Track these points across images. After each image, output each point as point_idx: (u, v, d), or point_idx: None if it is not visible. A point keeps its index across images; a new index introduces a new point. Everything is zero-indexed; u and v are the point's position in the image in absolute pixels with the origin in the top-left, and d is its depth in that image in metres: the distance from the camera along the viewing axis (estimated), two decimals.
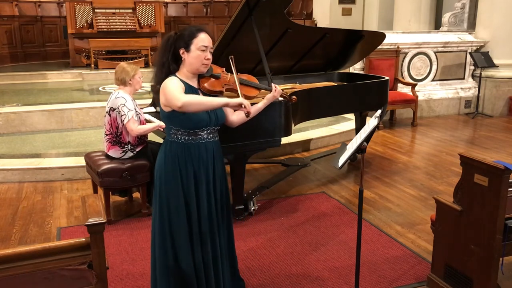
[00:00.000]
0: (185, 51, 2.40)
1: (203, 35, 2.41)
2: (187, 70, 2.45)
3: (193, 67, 2.43)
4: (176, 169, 2.46)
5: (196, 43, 2.39)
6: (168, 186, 2.48)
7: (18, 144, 5.80)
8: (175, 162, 2.46)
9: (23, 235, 3.78)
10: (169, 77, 2.43)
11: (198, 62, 2.41)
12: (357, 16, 11.23)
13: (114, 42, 9.91)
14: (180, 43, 2.41)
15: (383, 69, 7.18)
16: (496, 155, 5.76)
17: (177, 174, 2.46)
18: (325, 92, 4.57)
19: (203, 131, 2.47)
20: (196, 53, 2.39)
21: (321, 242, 3.63)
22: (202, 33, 2.41)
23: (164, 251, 2.54)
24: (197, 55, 2.39)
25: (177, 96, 2.30)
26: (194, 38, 2.39)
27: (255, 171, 5.24)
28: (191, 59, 2.41)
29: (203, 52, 2.40)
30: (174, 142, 2.48)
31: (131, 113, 3.82)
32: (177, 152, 2.46)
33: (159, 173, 2.52)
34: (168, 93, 2.34)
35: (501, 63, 7.90)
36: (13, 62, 10.86)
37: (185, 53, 2.41)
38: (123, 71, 3.90)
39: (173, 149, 2.47)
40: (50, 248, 1.69)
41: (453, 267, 2.84)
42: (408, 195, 4.58)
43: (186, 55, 2.41)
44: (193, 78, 2.50)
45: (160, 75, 2.46)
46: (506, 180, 2.48)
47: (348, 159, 2.62)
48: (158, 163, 2.54)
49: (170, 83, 2.38)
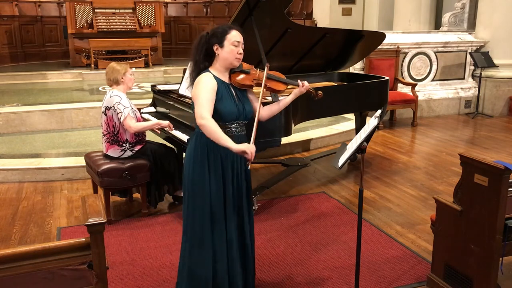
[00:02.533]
0: (219, 46, 2.55)
1: (235, 32, 2.57)
2: (220, 65, 2.59)
3: (227, 62, 2.57)
4: (204, 161, 2.56)
5: (229, 39, 2.54)
6: (196, 178, 2.57)
7: (18, 144, 5.80)
8: (204, 154, 2.56)
9: (23, 235, 3.78)
10: (203, 72, 2.58)
11: (232, 56, 2.56)
12: (357, 16, 11.23)
13: (114, 42, 9.92)
14: (214, 40, 2.56)
15: (383, 69, 7.18)
16: (496, 155, 5.76)
17: (205, 166, 2.56)
18: (325, 92, 4.55)
19: (232, 124, 2.60)
20: (230, 48, 2.54)
21: (321, 242, 3.63)
22: (234, 30, 2.57)
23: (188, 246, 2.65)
24: (231, 49, 2.55)
25: (202, 114, 2.45)
26: (227, 34, 2.55)
27: (255, 171, 5.24)
28: (225, 54, 2.55)
29: (236, 47, 2.55)
30: (203, 135, 2.54)
31: (127, 110, 3.82)
32: (206, 144, 2.55)
33: (188, 164, 2.61)
34: (198, 100, 2.49)
35: (501, 63, 7.90)
36: (13, 62, 10.86)
37: (219, 48, 2.56)
38: (114, 71, 3.91)
39: (202, 141, 2.56)
40: (50, 248, 1.69)
41: (453, 267, 2.84)
42: (408, 195, 4.58)
43: (220, 51, 2.56)
44: (225, 73, 2.63)
45: (194, 73, 2.64)
46: (506, 180, 2.48)
47: (348, 159, 2.62)
48: (187, 154, 2.64)
49: (204, 85, 2.51)
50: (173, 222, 3.94)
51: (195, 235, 2.61)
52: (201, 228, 2.59)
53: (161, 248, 3.52)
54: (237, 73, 2.66)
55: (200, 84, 2.53)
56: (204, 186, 2.57)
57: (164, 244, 3.58)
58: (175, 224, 3.91)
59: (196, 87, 2.55)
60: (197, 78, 2.58)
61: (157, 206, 4.19)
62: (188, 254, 2.65)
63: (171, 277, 3.09)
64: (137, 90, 8.02)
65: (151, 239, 3.67)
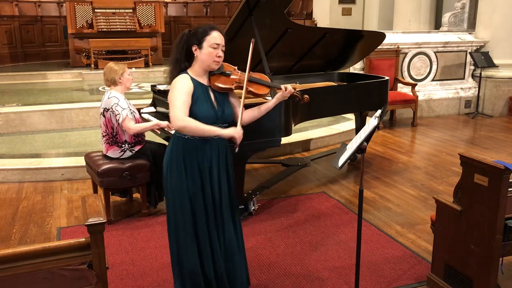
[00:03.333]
0: (198, 48, 2.48)
1: (215, 33, 2.48)
2: (199, 67, 2.52)
3: (204, 64, 2.50)
4: (180, 165, 2.51)
5: (208, 41, 2.46)
6: (173, 182, 2.53)
7: (18, 144, 5.80)
8: (180, 158, 2.51)
9: (23, 235, 3.78)
10: (180, 74, 2.50)
11: (210, 59, 2.48)
12: (357, 16, 11.23)
13: (114, 42, 9.91)
14: (193, 40, 2.49)
15: (383, 69, 7.18)
16: (496, 155, 5.76)
17: (181, 170, 2.51)
18: (325, 92, 4.57)
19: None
20: (208, 50, 2.46)
21: (321, 242, 3.63)
22: (214, 31, 2.49)
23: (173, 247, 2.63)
24: (209, 52, 2.47)
25: (179, 116, 2.40)
26: (207, 36, 2.47)
27: (255, 171, 5.24)
28: (203, 56, 2.48)
29: (215, 49, 2.47)
30: (180, 138, 2.52)
31: (125, 112, 3.81)
32: (183, 148, 2.51)
33: (165, 168, 2.57)
34: (173, 102, 2.44)
35: (501, 63, 7.90)
36: (13, 62, 10.86)
37: (198, 50, 2.48)
38: (112, 71, 3.90)
39: (179, 145, 2.52)
40: (50, 248, 1.69)
41: (453, 267, 2.84)
42: (408, 195, 4.58)
43: (199, 52, 2.48)
44: (204, 75, 2.56)
45: (173, 72, 2.56)
46: (506, 180, 2.48)
47: (348, 159, 2.62)
48: (165, 158, 2.59)
49: (179, 89, 2.45)
50: None
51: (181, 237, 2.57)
52: (184, 230, 2.55)
53: (161, 248, 3.52)
54: (216, 76, 2.57)
55: (175, 87, 2.47)
56: (183, 190, 2.52)
57: (164, 244, 3.58)
58: None
59: (172, 90, 2.48)
60: (174, 80, 2.50)
61: (157, 206, 4.19)
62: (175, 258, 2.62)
63: (171, 277, 3.08)
64: (137, 90, 8.01)
65: (151, 239, 3.67)
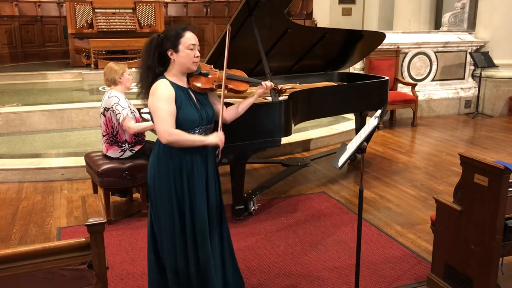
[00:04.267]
0: (174, 52, 2.39)
1: (189, 34, 2.40)
2: (177, 70, 2.44)
3: (183, 67, 2.43)
4: (168, 171, 2.43)
5: (184, 43, 2.38)
6: (159, 189, 2.47)
7: (18, 144, 5.79)
8: (168, 164, 2.43)
9: (23, 235, 3.78)
10: (159, 79, 2.42)
11: (189, 61, 2.41)
12: (357, 16, 11.22)
13: (114, 42, 9.91)
14: (167, 45, 2.39)
15: (383, 69, 7.18)
16: (496, 155, 5.76)
17: (170, 176, 2.44)
18: (325, 92, 4.57)
19: (195, 130, 2.45)
20: (186, 52, 2.39)
21: (321, 242, 3.63)
22: (187, 32, 2.40)
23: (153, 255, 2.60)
24: (187, 54, 2.39)
25: (167, 130, 2.33)
26: (181, 38, 2.38)
27: (255, 171, 5.24)
28: (181, 59, 2.40)
29: (192, 50, 2.40)
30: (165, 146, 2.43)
31: (126, 111, 3.82)
32: (170, 153, 2.43)
33: (150, 176, 2.49)
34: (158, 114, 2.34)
35: (501, 63, 7.89)
36: (13, 62, 10.85)
37: (174, 54, 2.40)
38: (112, 71, 3.91)
39: (166, 150, 2.43)
40: (50, 248, 1.69)
41: (453, 267, 2.84)
42: (408, 195, 4.58)
43: (175, 56, 2.40)
44: (183, 77, 2.49)
45: (147, 80, 2.45)
46: (506, 180, 2.48)
47: (348, 159, 2.62)
48: (150, 164, 2.50)
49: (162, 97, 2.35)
50: None
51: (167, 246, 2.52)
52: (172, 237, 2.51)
53: None
54: (195, 77, 2.51)
55: (157, 95, 2.36)
56: (171, 196, 2.45)
57: None
58: None
59: (153, 98, 2.37)
60: (153, 86, 2.40)
61: None
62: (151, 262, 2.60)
63: None
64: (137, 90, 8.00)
65: None
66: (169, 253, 2.52)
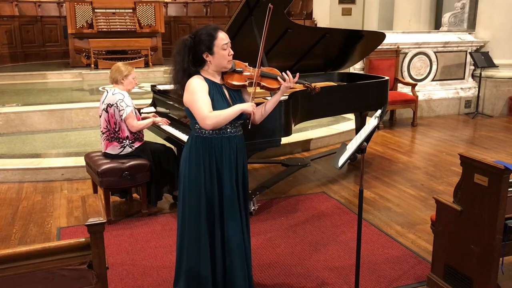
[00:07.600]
0: (209, 54, 2.49)
1: (222, 34, 2.50)
2: (213, 70, 2.55)
3: (220, 66, 2.54)
4: (199, 163, 2.54)
5: (218, 44, 2.48)
6: (191, 179, 2.56)
7: (18, 144, 5.80)
8: (199, 156, 2.54)
9: (23, 235, 3.78)
10: (193, 76, 2.51)
11: (224, 61, 2.52)
12: (357, 16, 11.22)
13: (114, 42, 9.91)
14: (202, 48, 2.49)
15: (383, 69, 7.18)
16: (496, 155, 5.76)
17: (200, 168, 2.54)
18: (325, 92, 4.57)
19: (226, 125, 2.53)
20: (221, 53, 2.49)
21: (321, 242, 3.63)
22: (220, 32, 2.51)
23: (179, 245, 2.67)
24: (222, 54, 2.50)
25: (207, 115, 2.42)
26: (215, 40, 2.48)
27: (255, 171, 5.24)
28: (217, 60, 2.51)
29: (226, 50, 2.50)
30: (198, 137, 2.55)
31: (129, 109, 3.89)
32: (201, 146, 2.54)
33: (183, 166, 2.60)
34: (195, 104, 2.45)
35: (501, 63, 7.90)
36: (13, 62, 10.85)
37: (209, 56, 2.50)
38: (117, 70, 3.98)
39: (198, 143, 2.55)
40: (50, 248, 1.69)
41: (453, 267, 2.84)
42: (408, 195, 4.58)
43: (211, 58, 2.50)
44: (217, 75, 2.58)
45: (182, 81, 2.53)
46: (506, 180, 2.48)
47: (348, 159, 2.62)
48: (183, 157, 2.62)
49: (196, 89, 2.46)
50: (173, 222, 3.94)
51: (191, 234, 2.60)
52: (197, 227, 2.58)
53: (161, 248, 3.52)
54: (229, 74, 2.59)
55: (192, 88, 2.47)
56: (200, 186, 2.55)
57: (164, 244, 3.58)
58: (175, 224, 3.89)
59: (188, 93, 2.49)
60: (187, 83, 2.50)
61: (157, 205, 4.19)
62: (186, 253, 2.63)
63: (171, 277, 3.09)
64: (137, 90, 8.01)
65: (151, 239, 3.67)
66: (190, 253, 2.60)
